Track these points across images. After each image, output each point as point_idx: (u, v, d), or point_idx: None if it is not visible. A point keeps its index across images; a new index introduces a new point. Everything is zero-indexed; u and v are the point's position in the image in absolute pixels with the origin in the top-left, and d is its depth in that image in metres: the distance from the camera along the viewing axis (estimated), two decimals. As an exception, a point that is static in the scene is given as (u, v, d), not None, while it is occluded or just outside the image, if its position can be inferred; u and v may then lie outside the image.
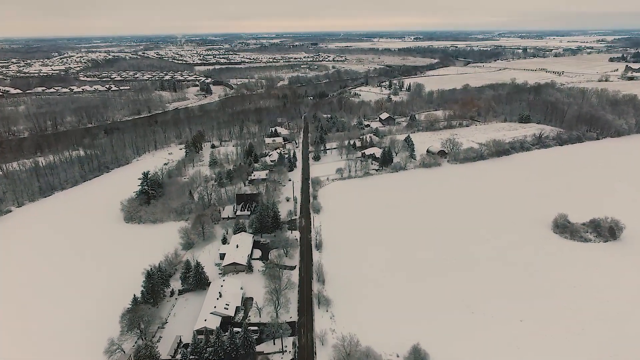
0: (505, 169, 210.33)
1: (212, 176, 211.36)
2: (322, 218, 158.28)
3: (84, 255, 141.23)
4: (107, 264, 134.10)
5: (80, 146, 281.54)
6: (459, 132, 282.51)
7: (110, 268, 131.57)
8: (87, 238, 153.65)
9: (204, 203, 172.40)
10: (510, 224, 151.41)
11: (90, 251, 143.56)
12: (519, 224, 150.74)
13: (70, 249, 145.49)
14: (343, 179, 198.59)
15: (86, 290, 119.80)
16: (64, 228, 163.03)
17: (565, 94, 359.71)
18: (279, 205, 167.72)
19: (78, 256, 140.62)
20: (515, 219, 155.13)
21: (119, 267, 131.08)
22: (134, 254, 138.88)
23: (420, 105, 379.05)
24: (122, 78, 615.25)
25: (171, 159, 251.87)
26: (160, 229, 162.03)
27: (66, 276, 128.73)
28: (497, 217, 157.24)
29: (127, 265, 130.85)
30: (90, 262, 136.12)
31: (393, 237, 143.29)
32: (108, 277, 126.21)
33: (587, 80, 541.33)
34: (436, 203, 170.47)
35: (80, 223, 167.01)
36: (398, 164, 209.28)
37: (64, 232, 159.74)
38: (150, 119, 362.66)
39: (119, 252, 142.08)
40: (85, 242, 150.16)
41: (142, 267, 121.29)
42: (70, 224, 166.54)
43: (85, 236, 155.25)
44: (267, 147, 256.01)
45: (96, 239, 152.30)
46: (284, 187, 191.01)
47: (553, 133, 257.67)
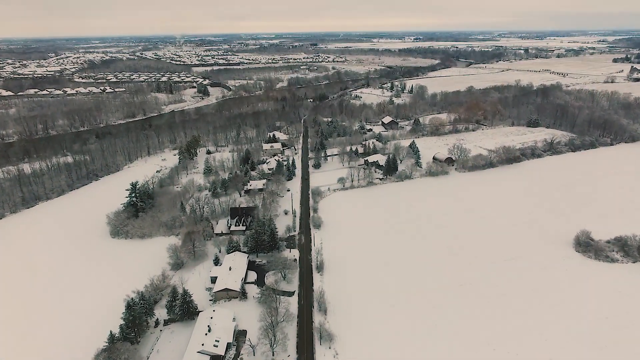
0: (517, 177, 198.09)
1: (206, 185, 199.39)
2: (323, 234, 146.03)
3: (60, 280, 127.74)
4: (85, 290, 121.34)
5: (70, 151, 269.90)
6: (466, 137, 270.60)
7: (89, 295, 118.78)
8: (67, 258, 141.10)
9: (195, 216, 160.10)
10: (528, 241, 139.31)
11: (68, 275, 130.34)
12: (538, 242, 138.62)
13: (45, 273, 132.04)
14: (345, 189, 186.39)
15: (58, 325, 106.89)
16: (43, 245, 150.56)
17: (573, 96, 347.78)
18: (276, 220, 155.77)
19: (53, 282, 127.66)
20: (533, 235, 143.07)
21: (99, 294, 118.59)
22: (117, 277, 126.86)
23: (423, 108, 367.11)
24: (117, 79, 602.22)
25: (164, 166, 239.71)
26: (149, 245, 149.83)
27: (36, 308, 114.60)
28: (513, 233, 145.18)
29: (108, 290, 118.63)
30: (66, 290, 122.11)
31: (400, 257, 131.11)
32: (84, 307, 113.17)
33: (593, 82, 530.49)
34: (445, 217, 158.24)
35: (61, 239, 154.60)
36: (403, 173, 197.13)
37: (43, 250, 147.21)
38: (144, 123, 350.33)
39: (100, 274, 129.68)
40: (64, 263, 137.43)
41: (125, 292, 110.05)
42: (50, 240, 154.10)
43: (65, 255, 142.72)
44: (265, 154, 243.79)
45: (77, 259, 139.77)
46: (282, 198, 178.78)
47: (565, 138, 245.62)
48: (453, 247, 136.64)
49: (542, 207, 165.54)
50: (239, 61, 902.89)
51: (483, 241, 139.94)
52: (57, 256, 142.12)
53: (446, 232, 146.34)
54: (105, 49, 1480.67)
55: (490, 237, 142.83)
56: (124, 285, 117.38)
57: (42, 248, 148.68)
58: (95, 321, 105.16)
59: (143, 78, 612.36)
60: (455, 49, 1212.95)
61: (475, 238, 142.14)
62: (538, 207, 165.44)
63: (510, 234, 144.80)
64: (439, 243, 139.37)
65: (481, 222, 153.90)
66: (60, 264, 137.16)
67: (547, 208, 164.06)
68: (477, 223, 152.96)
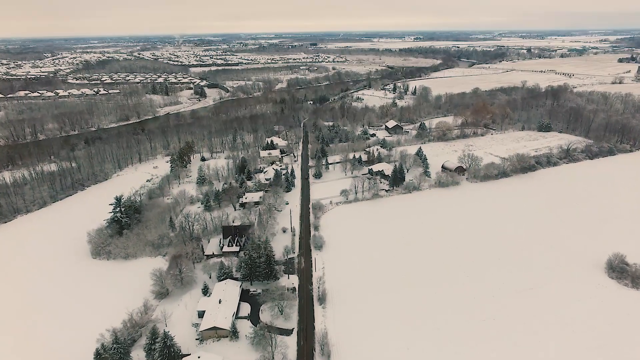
0: (533, 188, 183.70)
1: (198, 197, 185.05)
2: (325, 257, 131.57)
3: (27, 315, 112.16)
4: (53, 327, 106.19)
5: (57, 158, 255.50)
6: (475, 143, 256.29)
7: (56, 333, 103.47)
8: (39, 284, 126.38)
9: (184, 234, 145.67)
10: (553, 264, 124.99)
11: (37, 306, 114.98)
12: (564, 265, 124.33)
13: (9, 304, 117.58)
14: (348, 202, 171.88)
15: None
16: (14, 269, 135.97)
17: (585, 99, 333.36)
18: (273, 239, 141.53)
19: (19, 315, 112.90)
20: (558, 257, 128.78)
21: (69, 332, 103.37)
22: (93, 309, 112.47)
23: (428, 111, 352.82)
24: (112, 80, 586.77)
25: (155, 174, 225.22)
26: (132, 268, 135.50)
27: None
28: (535, 254, 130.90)
29: (81, 327, 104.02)
30: (32, 327, 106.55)
31: (413, 284, 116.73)
32: (50, 350, 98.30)
33: (600, 83, 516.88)
34: (460, 235, 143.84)
35: (35, 261, 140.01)
36: (411, 184, 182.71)
37: (12, 274, 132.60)
38: (137, 127, 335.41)
39: (74, 305, 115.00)
40: (34, 292, 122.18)
41: (100, 329, 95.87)
42: (23, 262, 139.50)
43: (36, 281, 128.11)
44: (263, 161, 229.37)
45: (49, 286, 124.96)
46: (280, 212, 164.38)
47: (581, 145, 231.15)
48: (471, 271, 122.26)
49: (564, 222, 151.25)
50: (237, 61, 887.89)
51: (503, 264, 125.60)
52: (28, 282, 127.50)
53: (462, 253, 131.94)
54: (103, 49, 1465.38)
55: (511, 259, 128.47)
56: (99, 320, 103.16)
57: (12, 272, 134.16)
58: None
59: (139, 79, 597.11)
60: (457, 48, 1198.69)
61: (495, 261, 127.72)
62: (559, 223, 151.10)
63: (533, 255, 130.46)
64: (454, 267, 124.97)
65: (499, 241, 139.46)
66: (29, 292, 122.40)
67: (570, 224, 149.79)
68: (495, 243, 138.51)
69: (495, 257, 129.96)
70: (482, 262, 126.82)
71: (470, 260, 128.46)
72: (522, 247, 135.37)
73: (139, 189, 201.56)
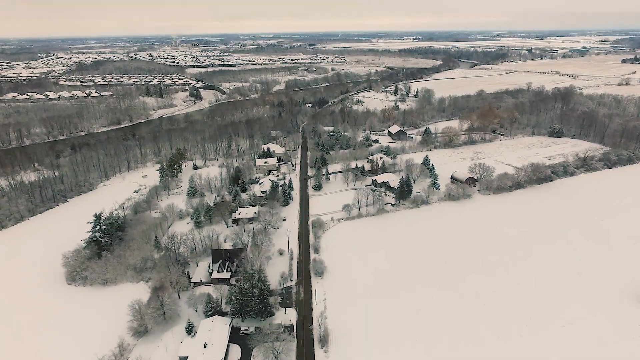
0: (552, 202, 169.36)
1: (188, 211, 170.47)
2: (326, 285, 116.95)
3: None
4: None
5: (42, 165, 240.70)
6: (483, 150, 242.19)
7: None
8: (3, 317, 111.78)
9: (169, 257, 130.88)
10: (584, 293, 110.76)
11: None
12: (597, 294, 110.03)
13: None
14: (351, 218, 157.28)
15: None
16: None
17: (596, 102, 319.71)
18: (268, 263, 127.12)
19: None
20: (589, 284, 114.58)
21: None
22: (60, 349, 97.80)
23: (431, 115, 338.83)
24: (106, 82, 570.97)
25: (144, 185, 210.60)
26: (110, 296, 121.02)
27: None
28: (560, 280, 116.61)
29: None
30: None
31: (427, 322, 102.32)
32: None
33: (606, 84, 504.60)
34: (477, 258, 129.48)
35: (2, 286, 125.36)
36: (419, 197, 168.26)
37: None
38: (127, 132, 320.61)
39: (39, 344, 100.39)
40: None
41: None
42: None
43: (1, 312, 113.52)
44: (259, 170, 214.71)
45: (13, 320, 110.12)
46: (276, 231, 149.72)
47: (597, 152, 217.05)
48: (492, 304, 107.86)
49: (589, 241, 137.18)
50: (235, 62, 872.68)
51: (528, 294, 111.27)
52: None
53: (480, 282, 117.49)
54: (99, 49, 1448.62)
55: (536, 286, 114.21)
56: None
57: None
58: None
59: (133, 81, 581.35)
60: (457, 49, 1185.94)
61: (517, 289, 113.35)
62: (584, 242, 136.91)
63: (560, 281, 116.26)
64: (472, 298, 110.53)
65: (521, 264, 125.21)
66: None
67: (596, 243, 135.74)
68: (516, 266, 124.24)
69: (515, 284, 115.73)
70: (503, 293, 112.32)
71: (490, 289, 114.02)
72: (546, 271, 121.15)
73: (124, 202, 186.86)
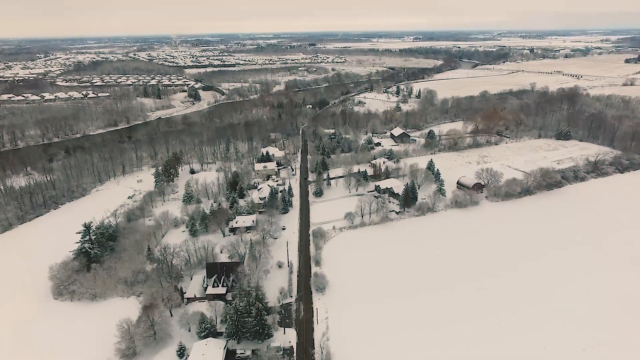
0: (563, 209, 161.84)
1: (183, 219, 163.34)
2: (328, 302, 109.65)
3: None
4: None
5: (35, 169, 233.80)
6: (489, 153, 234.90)
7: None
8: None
9: (162, 270, 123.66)
10: (608, 311, 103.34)
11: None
12: (623, 313, 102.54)
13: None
14: (354, 227, 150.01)
15: None
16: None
17: (604, 103, 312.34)
18: (267, 277, 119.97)
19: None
20: (612, 300, 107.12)
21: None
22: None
23: (434, 116, 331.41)
24: (103, 83, 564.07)
25: (139, 190, 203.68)
26: (99, 312, 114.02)
27: None
28: (584, 296, 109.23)
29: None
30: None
31: (437, 340, 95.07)
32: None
33: (610, 85, 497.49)
34: (488, 271, 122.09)
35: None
36: (424, 204, 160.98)
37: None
38: (123, 134, 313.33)
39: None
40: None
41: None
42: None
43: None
44: (257, 175, 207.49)
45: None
46: (275, 241, 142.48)
47: (608, 156, 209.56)
48: (509, 321, 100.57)
49: (610, 254, 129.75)
50: (234, 62, 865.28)
51: (548, 312, 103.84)
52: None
53: (493, 297, 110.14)
54: (98, 50, 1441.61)
55: (556, 304, 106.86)
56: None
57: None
58: None
59: (131, 81, 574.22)
60: (458, 48, 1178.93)
61: (535, 307, 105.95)
62: (604, 257, 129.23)
63: (581, 297, 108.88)
64: (487, 315, 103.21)
65: (537, 278, 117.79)
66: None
67: (617, 255, 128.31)
68: (532, 280, 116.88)
69: (535, 302, 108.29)
70: (519, 308, 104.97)
71: (503, 304, 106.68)
72: (565, 286, 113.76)
73: (118, 208, 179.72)
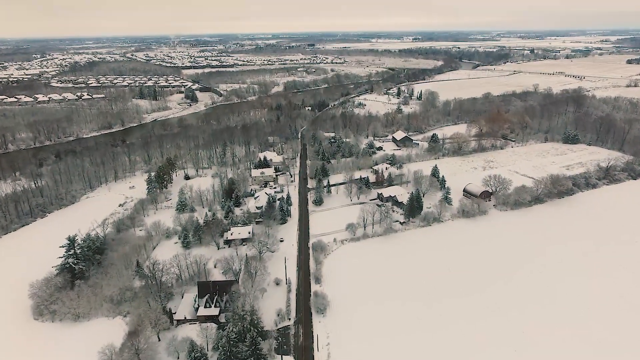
0: (578, 220, 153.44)
1: (176, 229, 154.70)
2: (329, 326, 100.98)
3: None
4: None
5: (23, 174, 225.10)
6: (495, 158, 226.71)
7: None
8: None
9: (150, 285, 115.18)
10: (636, 336, 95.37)
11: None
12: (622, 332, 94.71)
13: None
14: (356, 239, 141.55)
15: None
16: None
17: (611, 106, 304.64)
18: (263, 296, 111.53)
19: None
20: (637, 323, 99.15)
21: None
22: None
23: (436, 118, 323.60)
24: (99, 84, 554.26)
25: (130, 197, 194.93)
26: (81, 334, 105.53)
27: None
28: (609, 318, 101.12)
29: None
30: None
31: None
32: None
33: (614, 86, 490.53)
34: (501, 289, 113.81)
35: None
36: (430, 214, 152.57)
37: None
38: (118, 137, 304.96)
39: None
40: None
41: None
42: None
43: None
44: (255, 181, 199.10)
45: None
46: (273, 253, 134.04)
47: (619, 161, 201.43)
48: (528, 349, 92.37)
49: (629, 268, 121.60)
50: (232, 63, 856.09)
51: (565, 334, 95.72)
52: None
53: (508, 320, 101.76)
54: (96, 50, 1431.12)
55: (571, 327, 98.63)
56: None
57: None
58: None
59: (127, 82, 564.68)
60: (458, 49, 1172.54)
61: (554, 330, 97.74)
62: (624, 272, 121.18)
63: (602, 318, 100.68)
64: (503, 341, 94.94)
65: (555, 298, 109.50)
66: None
67: (633, 273, 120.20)
68: (549, 301, 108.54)
69: (555, 325, 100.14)
70: (543, 346, 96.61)
71: (518, 327, 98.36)
72: (588, 315, 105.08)
73: (108, 217, 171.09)
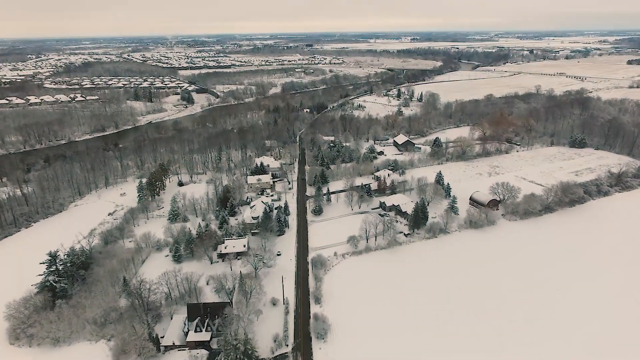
0: (591, 230, 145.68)
1: (167, 241, 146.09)
2: (331, 353, 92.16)
3: None
4: None
5: (9, 180, 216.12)
6: (500, 163, 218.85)
7: None
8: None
9: (136, 306, 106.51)
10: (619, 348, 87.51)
11: None
12: None
13: None
14: (358, 252, 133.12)
15: None
16: None
17: (617, 108, 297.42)
18: (259, 318, 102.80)
19: None
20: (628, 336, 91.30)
21: None
22: None
23: (438, 121, 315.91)
24: (93, 85, 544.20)
25: (121, 205, 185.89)
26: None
27: None
28: (629, 338, 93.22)
29: None
30: None
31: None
32: None
33: (616, 87, 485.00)
34: (516, 306, 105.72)
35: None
36: (436, 225, 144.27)
37: None
38: (111, 140, 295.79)
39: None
40: None
41: None
42: None
43: None
44: (251, 189, 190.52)
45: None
46: (269, 269, 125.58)
47: (631, 167, 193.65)
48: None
49: None
50: (230, 63, 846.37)
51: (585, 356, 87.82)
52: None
53: (526, 343, 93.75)
54: (92, 50, 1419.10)
55: (580, 341, 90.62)
56: None
57: None
58: None
59: (122, 83, 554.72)
60: (457, 49, 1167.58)
61: (569, 346, 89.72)
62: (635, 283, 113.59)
63: (625, 338, 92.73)
64: None
65: (573, 317, 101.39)
66: None
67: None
68: (567, 321, 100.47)
69: (565, 338, 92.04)
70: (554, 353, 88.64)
71: (535, 350, 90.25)
72: (606, 335, 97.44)
73: (95, 228, 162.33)
